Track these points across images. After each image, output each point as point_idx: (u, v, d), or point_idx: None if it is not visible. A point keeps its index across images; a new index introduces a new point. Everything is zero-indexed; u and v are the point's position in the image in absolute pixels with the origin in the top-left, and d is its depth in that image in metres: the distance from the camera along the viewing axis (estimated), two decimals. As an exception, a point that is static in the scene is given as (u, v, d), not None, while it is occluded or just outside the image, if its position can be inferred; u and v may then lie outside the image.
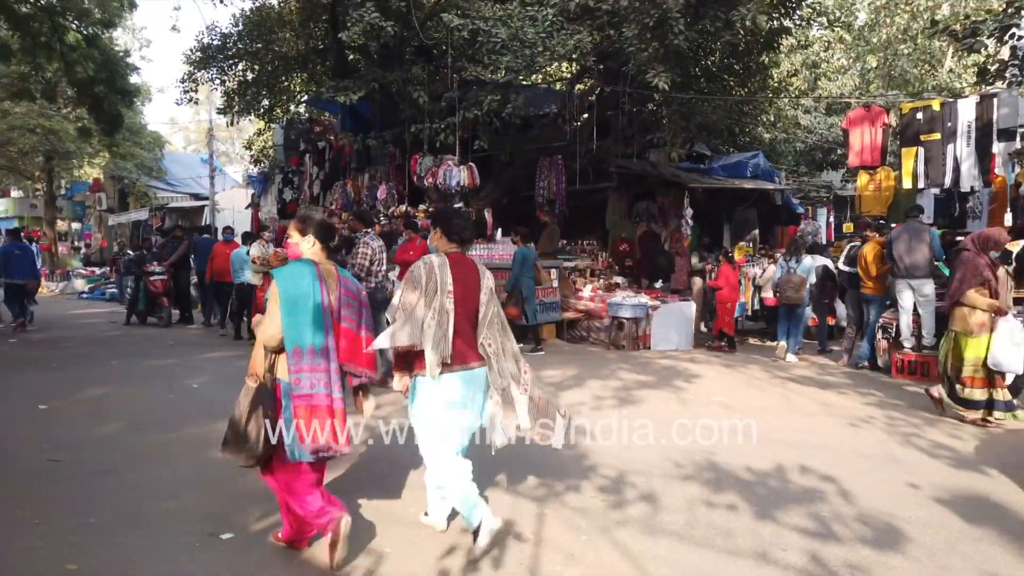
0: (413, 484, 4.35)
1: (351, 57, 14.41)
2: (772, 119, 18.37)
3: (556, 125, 13.67)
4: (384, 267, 7.81)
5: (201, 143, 41.87)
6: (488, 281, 3.58)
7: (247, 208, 21.32)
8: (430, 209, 12.84)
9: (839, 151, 18.30)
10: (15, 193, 31.80)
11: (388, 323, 3.48)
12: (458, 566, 3.31)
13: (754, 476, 4.64)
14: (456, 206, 12.72)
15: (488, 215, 13.38)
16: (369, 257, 7.42)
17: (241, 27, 15.52)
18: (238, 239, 12.15)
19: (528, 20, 10.70)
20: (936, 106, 9.83)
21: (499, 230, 12.31)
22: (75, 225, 32.32)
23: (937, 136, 9.71)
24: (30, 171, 28.09)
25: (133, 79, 18.10)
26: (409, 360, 3.43)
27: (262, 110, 16.73)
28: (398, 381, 3.50)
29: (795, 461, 4.95)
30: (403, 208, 13.04)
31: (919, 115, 9.96)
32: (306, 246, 3.34)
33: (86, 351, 9.62)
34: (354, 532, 3.27)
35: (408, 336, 3.29)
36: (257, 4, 16.18)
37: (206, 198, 24.67)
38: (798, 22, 13.60)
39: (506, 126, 12.78)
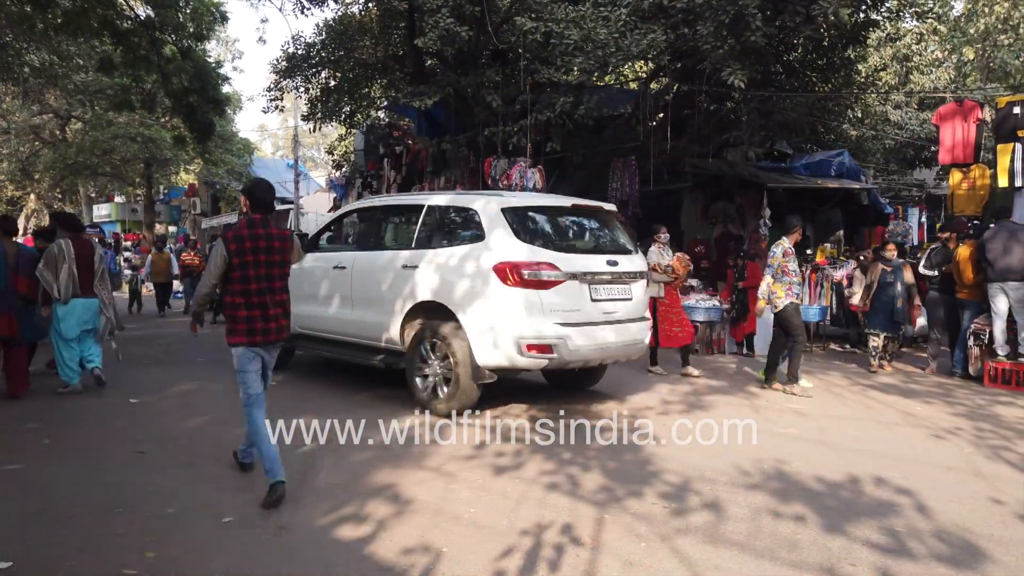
0: (471, 482, 4.42)
1: (428, 62, 14.68)
2: (859, 115, 17.64)
3: (629, 125, 13.53)
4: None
5: (288, 149, 43.46)
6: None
7: (329, 211, 22.02)
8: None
9: (932, 148, 17.44)
10: (118, 199, 33.80)
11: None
12: (515, 567, 3.34)
13: (825, 487, 4.49)
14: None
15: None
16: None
17: (324, 36, 16.06)
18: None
19: (601, 20, 10.63)
20: (1035, 99, 9.24)
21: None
22: (171, 228, 34.08)
23: (1037, 131, 9.12)
24: (131, 177, 29.82)
25: (224, 89, 19.00)
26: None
27: (343, 116, 17.22)
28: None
29: (870, 472, 4.76)
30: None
31: (1016, 109, 9.37)
32: None
33: (177, 348, 10.16)
34: (410, 530, 3.33)
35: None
36: (339, 13, 16.72)
37: (291, 202, 25.62)
38: (886, 14, 13.02)
39: (579, 127, 12.74)
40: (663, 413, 6.44)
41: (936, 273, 9.00)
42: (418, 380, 6.37)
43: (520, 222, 6.15)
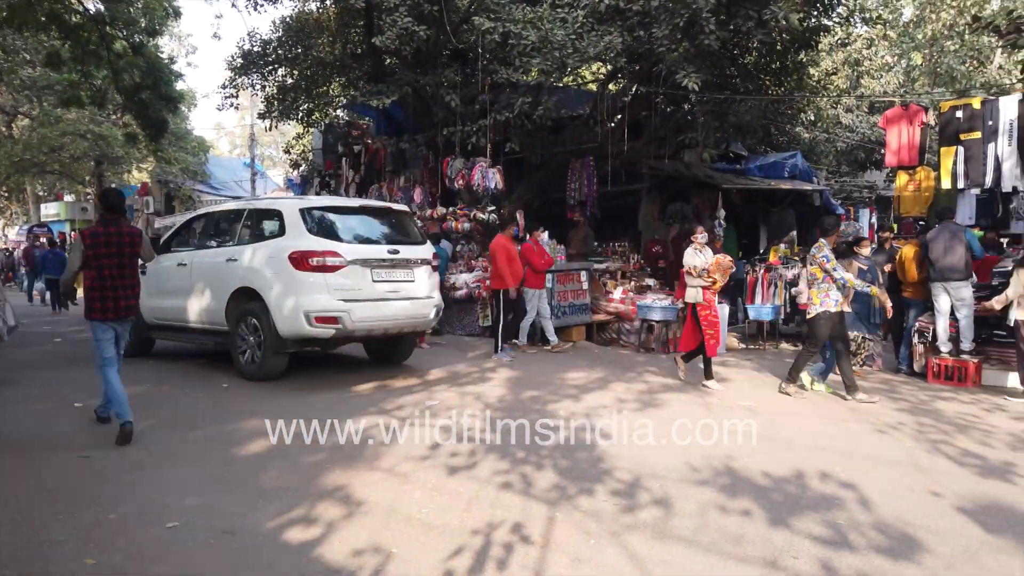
0: (424, 482, 4.41)
1: (387, 61, 14.59)
2: (812, 118, 18.05)
3: (588, 126, 13.65)
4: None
5: (246, 147, 42.75)
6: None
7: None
8: (458, 211, 12.95)
9: (881, 151, 17.90)
10: (67, 197, 32.87)
11: None
12: (465, 566, 3.35)
13: (771, 482, 4.59)
14: (489, 209, 12.81)
15: (520, 217, 13.43)
16: None
17: (281, 33, 15.85)
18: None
19: (558, 22, 10.70)
20: (976, 104, 9.55)
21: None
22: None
23: (977, 135, 9.43)
24: (81, 176, 29.05)
25: (178, 85, 18.62)
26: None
27: (301, 114, 17.02)
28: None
29: (816, 467, 4.88)
30: (440, 210, 13.17)
31: (959, 113, 9.68)
32: None
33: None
34: (360, 532, 3.33)
35: None
36: (296, 11, 16.52)
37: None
38: (837, 20, 13.34)
39: (537, 128, 12.81)
40: (617, 411, 6.50)
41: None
42: (239, 355, 7.61)
43: (314, 220, 7.49)
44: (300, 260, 7.11)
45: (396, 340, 8.44)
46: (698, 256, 7.91)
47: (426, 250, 8.17)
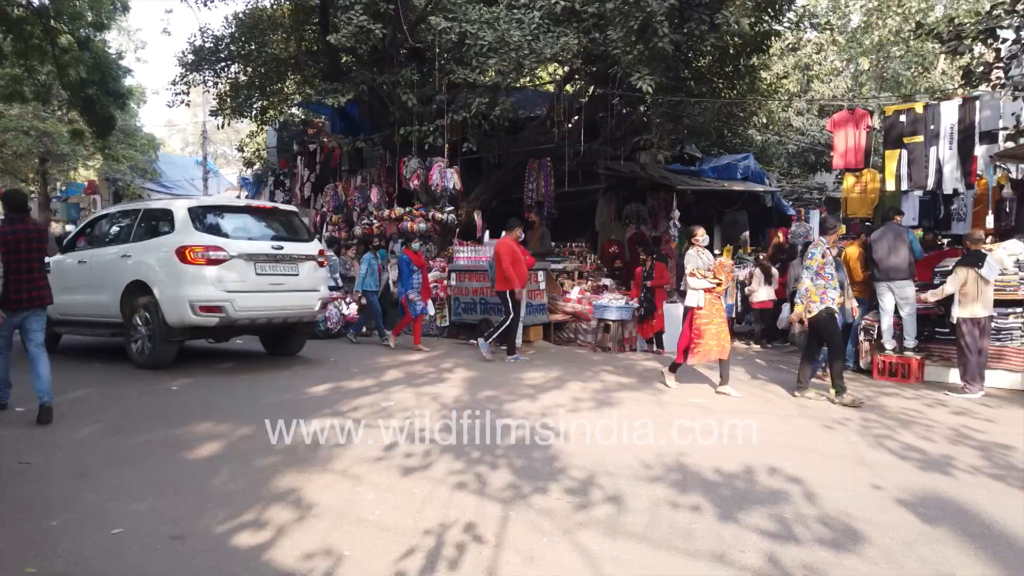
0: (377, 484, 4.39)
1: (343, 59, 14.45)
2: (764, 121, 18.42)
3: (545, 127, 13.72)
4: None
5: (198, 145, 41.87)
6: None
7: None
8: (415, 211, 12.90)
9: (831, 153, 18.36)
10: (11, 195, 31.77)
11: None
12: (416, 567, 3.34)
13: (722, 477, 4.68)
14: (447, 209, 12.79)
15: (478, 217, 13.44)
16: None
17: (234, 29, 15.57)
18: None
19: (515, 23, 10.74)
20: (919, 108, 9.88)
21: (487, 232, 12.35)
22: (69, 227, 32.32)
23: (920, 139, 9.76)
24: (25, 173, 28.08)
25: (126, 81, 18.17)
26: None
27: (255, 112, 16.75)
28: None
29: (765, 462, 4.99)
30: (398, 211, 13.10)
31: (902, 117, 10.00)
32: None
33: (79, 351, 9.65)
34: (312, 535, 3.30)
35: None
36: (249, 6, 16.24)
37: (201, 200, 24.72)
38: (787, 24, 13.64)
39: (495, 128, 12.83)
40: (572, 411, 6.55)
41: None
42: (132, 344, 8.11)
43: (202, 218, 8.05)
44: (185, 254, 7.67)
45: (287, 333, 9.12)
46: (700, 258, 7.63)
47: (312, 247, 8.76)
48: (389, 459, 4.96)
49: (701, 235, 7.82)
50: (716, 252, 13.99)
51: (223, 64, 15.88)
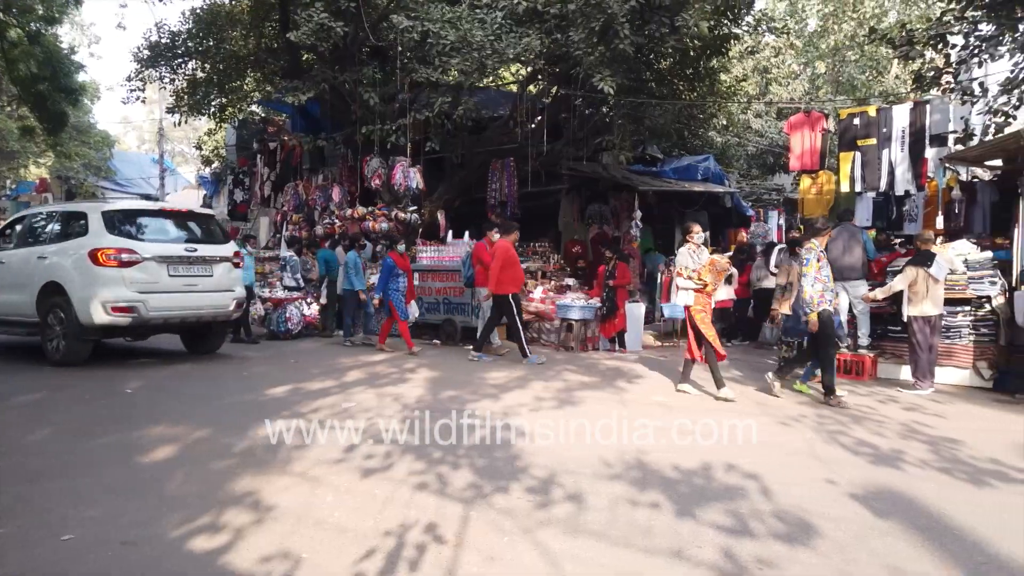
0: (337, 485, 4.36)
1: (304, 57, 14.30)
2: (724, 123, 18.70)
3: (508, 127, 13.74)
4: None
5: (155, 142, 41.03)
6: None
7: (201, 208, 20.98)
8: (377, 210, 12.81)
9: (788, 155, 18.70)
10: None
11: None
12: (376, 569, 3.32)
13: (680, 474, 4.74)
14: (411, 209, 12.73)
15: (441, 217, 13.41)
16: None
17: (191, 25, 15.30)
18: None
19: (477, 23, 10.74)
20: (872, 112, 10.12)
21: (450, 232, 12.32)
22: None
23: (873, 141, 10.00)
24: (-27, 170, 27.27)
25: (79, 77, 17.74)
26: None
27: (213, 110, 16.48)
28: None
29: (723, 459, 5.06)
30: (360, 210, 12.99)
31: (856, 120, 10.24)
32: None
33: (26, 354, 9.39)
34: (270, 538, 3.26)
35: None
36: (208, 2, 15.96)
37: (156, 199, 24.21)
38: (745, 28, 13.87)
39: (458, 128, 12.82)
40: (535, 410, 6.58)
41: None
42: (48, 343, 8.28)
43: (115, 221, 8.24)
44: (98, 257, 7.86)
45: (204, 331, 9.33)
46: (691, 257, 7.37)
47: (226, 249, 9.03)
48: (349, 460, 4.92)
49: (696, 232, 7.48)
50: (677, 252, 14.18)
51: (180, 60, 15.59)
